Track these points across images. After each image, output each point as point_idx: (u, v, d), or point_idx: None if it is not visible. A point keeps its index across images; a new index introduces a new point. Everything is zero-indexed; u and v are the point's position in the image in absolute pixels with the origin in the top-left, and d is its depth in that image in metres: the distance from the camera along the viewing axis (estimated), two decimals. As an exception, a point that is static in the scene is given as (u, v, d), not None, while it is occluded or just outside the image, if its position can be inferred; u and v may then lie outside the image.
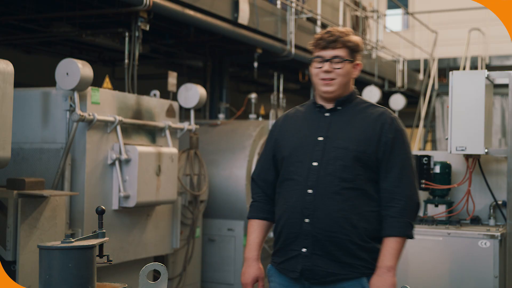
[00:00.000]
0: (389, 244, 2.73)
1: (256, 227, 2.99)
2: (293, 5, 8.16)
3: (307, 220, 2.75)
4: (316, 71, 2.85)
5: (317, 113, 2.90)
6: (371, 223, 2.76)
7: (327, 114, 2.88)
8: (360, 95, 3.01)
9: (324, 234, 2.72)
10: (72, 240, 2.20)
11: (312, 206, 2.74)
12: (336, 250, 2.72)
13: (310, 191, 2.75)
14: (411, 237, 2.77)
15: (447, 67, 13.02)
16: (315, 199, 2.74)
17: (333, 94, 2.84)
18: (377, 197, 2.79)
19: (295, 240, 2.78)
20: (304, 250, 2.76)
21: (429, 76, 12.98)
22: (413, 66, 13.59)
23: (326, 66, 2.81)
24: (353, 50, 2.84)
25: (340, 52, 2.81)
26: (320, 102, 2.91)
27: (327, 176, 2.75)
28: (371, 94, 11.06)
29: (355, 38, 2.86)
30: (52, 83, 5.04)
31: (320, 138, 2.82)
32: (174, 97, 6.29)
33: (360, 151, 2.76)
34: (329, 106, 2.89)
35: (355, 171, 2.75)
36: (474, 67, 12.60)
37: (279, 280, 2.89)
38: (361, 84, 10.92)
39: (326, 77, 2.82)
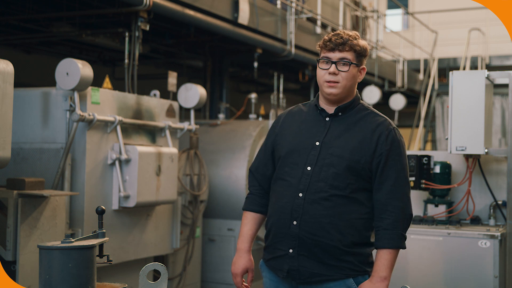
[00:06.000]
0: (383, 256, 2.76)
1: (250, 219, 3.03)
2: (293, 5, 8.16)
3: (295, 223, 2.78)
4: (322, 72, 2.84)
5: (318, 116, 2.91)
6: (358, 230, 2.79)
7: (327, 119, 2.88)
8: (360, 96, 3.00)
9: (310, 237, 2.75)
10: (72, 240, 2.21)
11: (301, 209, 2.77)
12: (321, 253, 2.76)
13: (300, 194, 2.78)
14: (403, 248, 2.81)
15: (447, 67, 13.03)
16: (305, 203, 2.77)
17: (337, 97, 2.84)
18: (367, 204, 2.81)
19: (283, 240, 2.82)
20: (291, 251, 2.80)
21: (429, 76, 12.97)
22: (413, 66, 13.59)
23: (332, 68, 2.80)
24: (360, 54, 2.84)
25: (347, 55, 2.80)
26: (323, 104, 2.91)
27: (319, 182, 2.77)
28: (371, 94, 11.06)
29: (363, 43, 2.86)
30: (52, 83, 5.04)
31: (317, 143, 2.83)
32: (174, 97, 6.29)
33: (354, 160, 2.77)
34: (330, 110, 2.89)
35: (347, 180, 2.77)
36: (474, 67, 12.60)
37: (270, 276, 2.93)
38: (361, 84, 10.89)
39: (331, 79, 2.81)
